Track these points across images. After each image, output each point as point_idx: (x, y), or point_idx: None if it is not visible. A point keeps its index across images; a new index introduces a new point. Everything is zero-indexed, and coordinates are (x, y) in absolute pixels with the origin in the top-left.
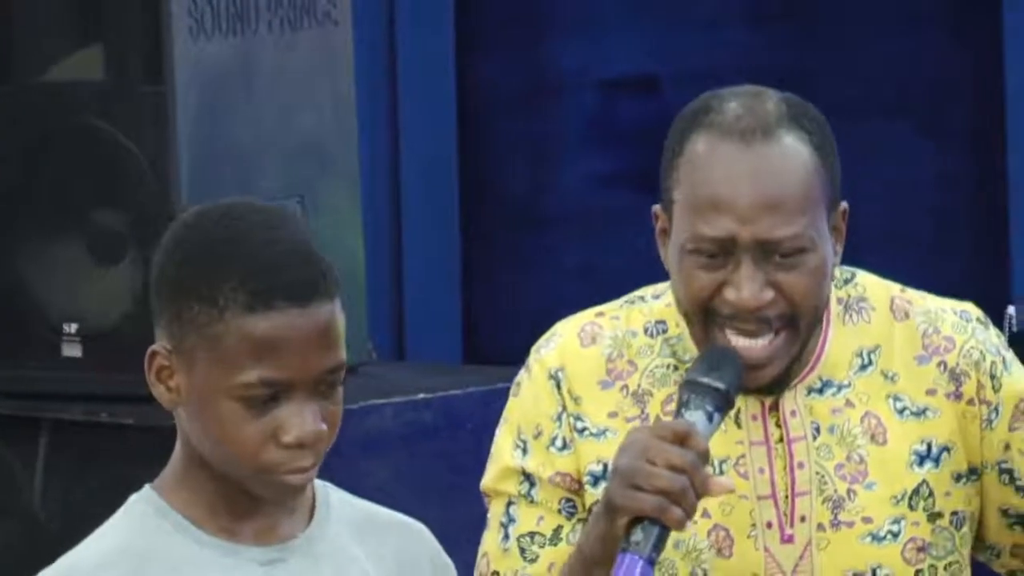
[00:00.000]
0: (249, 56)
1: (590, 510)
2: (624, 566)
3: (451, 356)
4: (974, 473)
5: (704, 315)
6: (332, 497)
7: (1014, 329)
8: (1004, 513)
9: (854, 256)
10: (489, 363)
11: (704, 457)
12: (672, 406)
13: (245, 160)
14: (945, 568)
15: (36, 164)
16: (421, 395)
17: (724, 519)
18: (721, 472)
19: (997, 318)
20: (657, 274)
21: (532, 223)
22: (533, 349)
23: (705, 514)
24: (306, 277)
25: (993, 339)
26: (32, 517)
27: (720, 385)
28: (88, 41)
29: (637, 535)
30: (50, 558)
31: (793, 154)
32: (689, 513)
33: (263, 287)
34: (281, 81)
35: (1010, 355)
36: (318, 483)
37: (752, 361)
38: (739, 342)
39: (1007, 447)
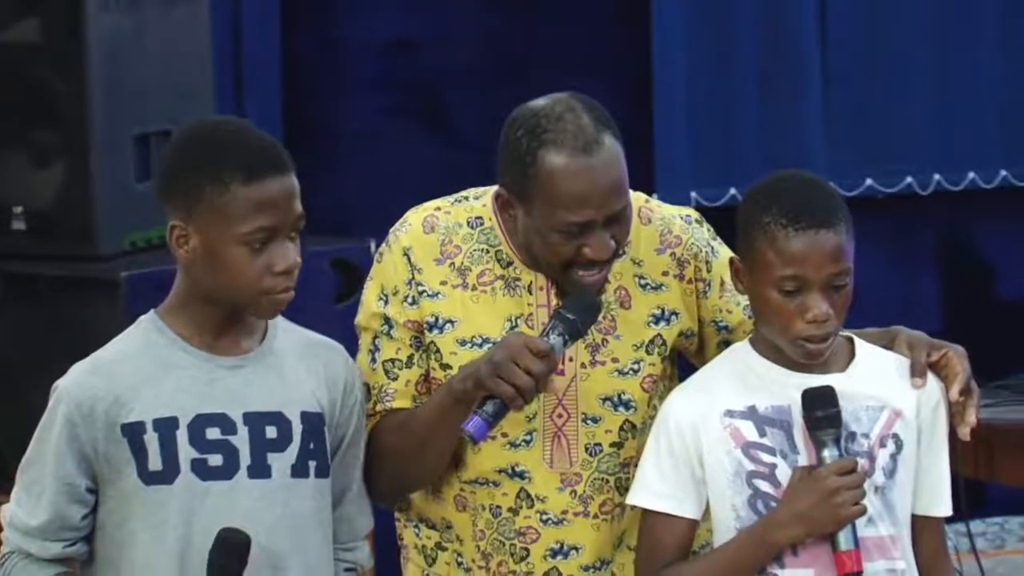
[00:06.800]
0: (140, 24)
1: (430, 345)
2: (472, 422)
3: None
4: (694, 332)
5: (564, 266)
6: (279, 324)
7: None
8: (718, 344)
9: None
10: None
11: (553, 370)
12: (486, 278)
13: (136, 96)
14: (664, 385)
15: None
16: None
17: None
18: (515, 326)
19: None
20: (414, 169)
21: (335, 139)
22: (392, 230)
23: None
24: (279, 156)
25: (705, 235)
26: None
27: (578, 324)
28: (28, 14)
29: (488, 407)
30: (6, 367)
31: (613, 149)
32: (528, 403)
33: (255, 164)
34: (161, 42)
35: (716, 243)
36: None
37: (598, 286)
38: (590, 277)
39: (720, 311)
